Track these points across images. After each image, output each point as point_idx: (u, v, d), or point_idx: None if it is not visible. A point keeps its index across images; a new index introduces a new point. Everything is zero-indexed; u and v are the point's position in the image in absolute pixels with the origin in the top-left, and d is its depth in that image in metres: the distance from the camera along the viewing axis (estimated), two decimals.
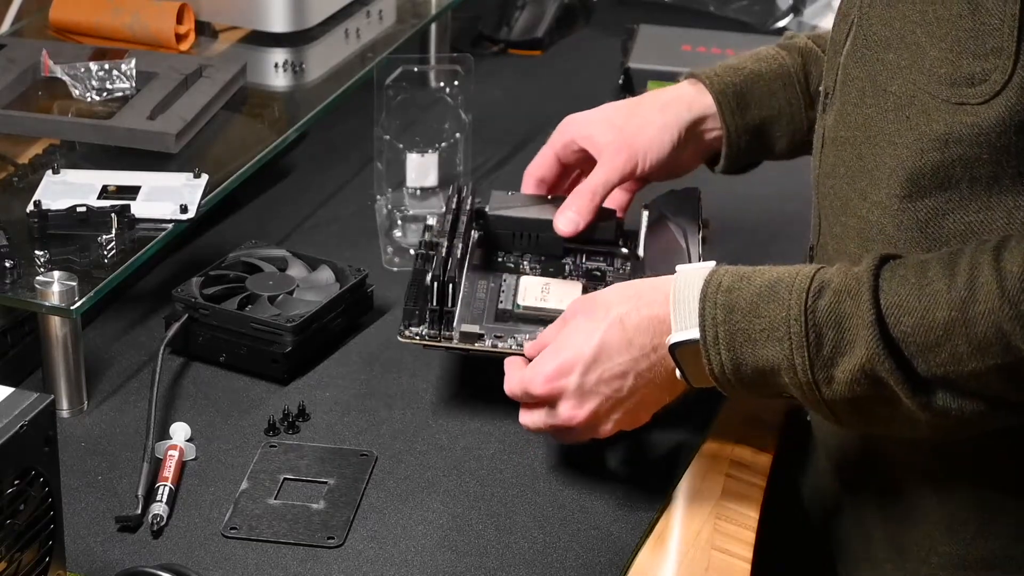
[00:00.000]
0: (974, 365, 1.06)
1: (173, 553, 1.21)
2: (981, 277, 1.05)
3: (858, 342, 1.08)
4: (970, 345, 1.05)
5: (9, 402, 1.07)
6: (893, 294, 1.08)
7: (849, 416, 1.13)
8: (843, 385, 1.10)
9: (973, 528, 1.21)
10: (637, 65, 1.96)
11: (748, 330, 1.12)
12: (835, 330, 1.09)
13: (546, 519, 1.27)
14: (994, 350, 1.05)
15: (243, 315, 1.43)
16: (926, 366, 1.07)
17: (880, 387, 1.09)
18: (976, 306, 1.04)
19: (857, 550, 1.29)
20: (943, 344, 1.06)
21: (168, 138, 1.52)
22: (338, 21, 1.84)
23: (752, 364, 1.13)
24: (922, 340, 1.07)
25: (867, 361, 1.08)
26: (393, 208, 1.69)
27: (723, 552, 1.25)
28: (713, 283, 1.15)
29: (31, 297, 1.33)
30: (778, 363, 1.12)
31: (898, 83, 1.12)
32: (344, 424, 1.37)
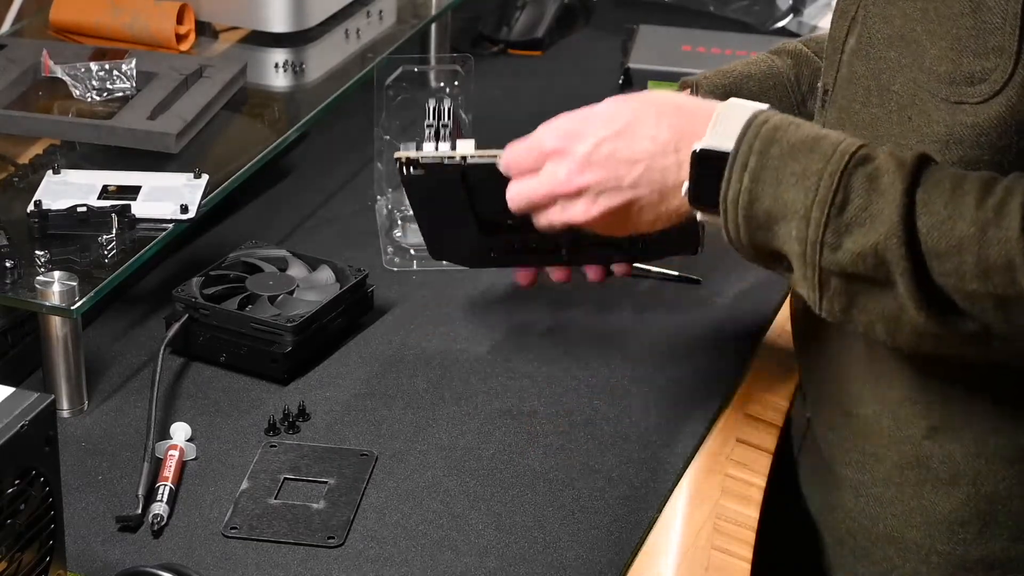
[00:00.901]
0: (975, 286, 1.04)
1: (173, 553, 1.21)
2: (1011, 204, 1.03)
3: (881, 219, 1.05)
4: (978, 265, 1.03)
5: (9, 402, 1.07)
6: (927, 191, 1.05)
7: (835, 295, 1.10)
8: (849, 256, 1.07)
9: (974, 528, 1.21)
10: (637, 65, 1.96)
11: (779, 168, 1.09)
12: (863, 199, 1.06)
13: (546, 519, 1.27)
14: (998, 278, 1.03)
15: (243, 315, 1.43)
16: (932, 270, 1.05)
17: (883, 271, 1.06)
18: (996, 231, 1.03)
19: (857, 549, 1.29)
20: (953, 255, 1.04)
21: (168, 138, 1.52)
22: (338, 21, 1.84)
23: (768, 203, 1.09)
24: (935, 244, 1.04)
25: (883, 240, 1.05)
26: (393, 208, 1.68)
27: (723, 552, 1.25)
28: (763, 116, 1.12)
29: (31, 297, 1.33)
30: (794, 210, 1.08)
31: (900, 82, 1.12)
32: (344, 424, 1.37)
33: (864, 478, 1.26)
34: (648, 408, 1.40)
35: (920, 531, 1.23)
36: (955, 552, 1.22)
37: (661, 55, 1.99)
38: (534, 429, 1.37)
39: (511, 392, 1.42)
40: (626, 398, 1.42)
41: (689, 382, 1.44)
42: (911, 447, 1.22)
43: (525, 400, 1.41)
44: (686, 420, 1.39)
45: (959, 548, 1.22)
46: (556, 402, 1.41)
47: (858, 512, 1.28)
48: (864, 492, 1.27)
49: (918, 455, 1.21)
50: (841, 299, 1.10)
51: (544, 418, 1.39)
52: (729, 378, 1.45)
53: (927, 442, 1.20)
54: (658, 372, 1.45)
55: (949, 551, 1.22)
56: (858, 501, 1.27)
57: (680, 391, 1.43)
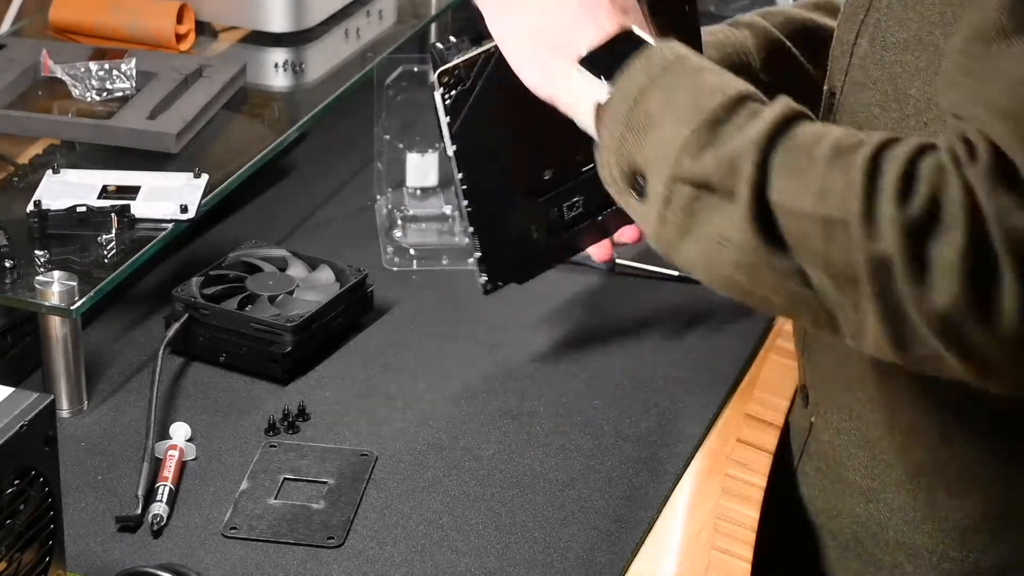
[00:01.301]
0: (809, 207, 1.01)
1: (173, 553, 1.21)
2: (870, 140, 1.01)
3: (748, 135, 1.04)
4: (820, 186, 1.01)
5: (9, 402, 1.07)
6: (801, 125, 1.04)
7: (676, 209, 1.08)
8: (705, 165, 1.05)
9: (986, 535, 1.20)
10: None
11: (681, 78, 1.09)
12: (742, 121, 1.05)
13: (546, 519, 1.27)
14: (833, 199, 1.00)
15: (243, 315, 1.43)
16: (771, 188, 1.03)
17: (729, 180, 1.04)
18: (849, 157, 1.00)
19: (864, 554, 1.28)
20: (799, 175, 1.02)
21: (168, 138, 1.52)
22: (338, 21, 1.84)
23: (655, 105, 1.08)
24: (787, 160, 1.03)
25: (743, 150, 1.03)
26: (393, 208, 1.69)
27: (723, 552, 1.25)
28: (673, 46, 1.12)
29: (31, 297, 1.33)
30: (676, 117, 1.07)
31: (917, 86, 1.11)
32: (344, 424, 1.37)
33: (874, 484, 1.25)
34: (648, 408, 1.40)
35: (931, 537, 1.22)
36: (967, 559, 1.21)
37: None
38: (534, 429, 1.37)
39: (511, 392, 1.42)
40: (626, 398, 1.42)
41: (689, 383, 1.44)
42: (925, 453, 1.21)
43: (525, 400, 1.41)
44: (686, 420, 1.39)
45: (971, 555, 1.21)
46: (556, 402, 1.41)
47: (867, 518, 1.27)
48: (874, 498, 1.26)
49: (930, 461, 1.21)
50: (680, 213, 1.07)
51: (544, 418, 1.39)
52: (729, 378, 1.45)
53: (940, 449, 1.20)
54: (658, 372, 1.45)
55: (961, 557, 1.21)
56: (867, 507, 1.27)
57: (680, 391, 1.43)
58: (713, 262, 1.07)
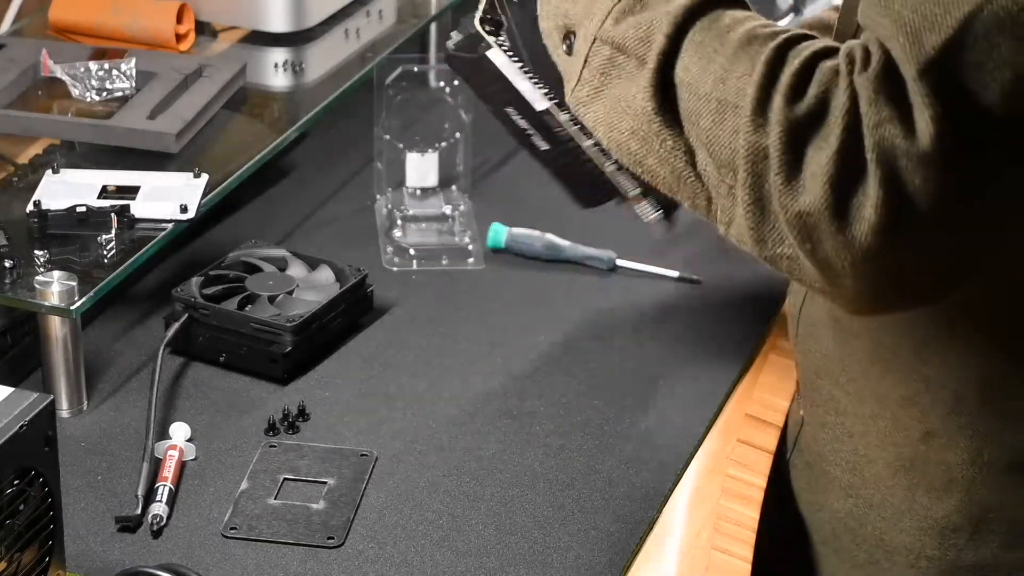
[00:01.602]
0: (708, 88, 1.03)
1: (173, 553, 1.21)
2: (783, 37, 1.03)
3: (670, 6, 1.07)
4: (724, 69, 1.03)
5: (9, 402, 1.07)
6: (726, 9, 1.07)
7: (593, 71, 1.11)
8: (625, 27, 1.08)
9: (965, 535, 1.20)
10: None
11: None
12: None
13: (546, 519, 1.27)
14: (732, 82, 1.02)
15: (243, 315, 1.43)
16: (678, 62, 1.05)
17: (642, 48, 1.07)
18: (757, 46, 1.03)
19: (841, 550, 1.28)
20: (706, 56, 1.04)
21: (168, 138, 1.52)
22: (338, 21, 1.83)
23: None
24: (700, 39, 1.05)
25: (660, 19, 1.06)
26: (393, 208, 1.69)
27: (723, 552, 1.25)
28: None
29: (31, 297, 1.33)
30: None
31: None
32: (344, 424, 1.37)
33: (854, 479, 1.26)
34: (648, 408, 1.40)
35: (910, 535, 1.22)
36: (945, 557, 1.21)
37: None
38: (534, 429, 1.37)
39: (511, 392, 1.42)
40: (626, 398, 1.42)
41: (689, 382, 1.44)
42: (906, 450, 1.21)
43: (525, 400, 1.41)
44: (686, 420, 1.39)
45: (949, 553, 1.21)
46: (556, 402, 1.41)
47: (845, 513, 1.27)
48: (853, 493, 1.26)
49: (912, 458, 1.21)
50: (596, 72, 1.11)
51: (544, 418, 1.39)
52: (729, 378, 1.45)
53: (922, 446, 1.20)
54: (658, 372, 1.45)
55: (939, 556, 1.22)
56: (846, 502, 1.27)
57: (680, 391, 1.43)
58: (613, 125, 1.11)
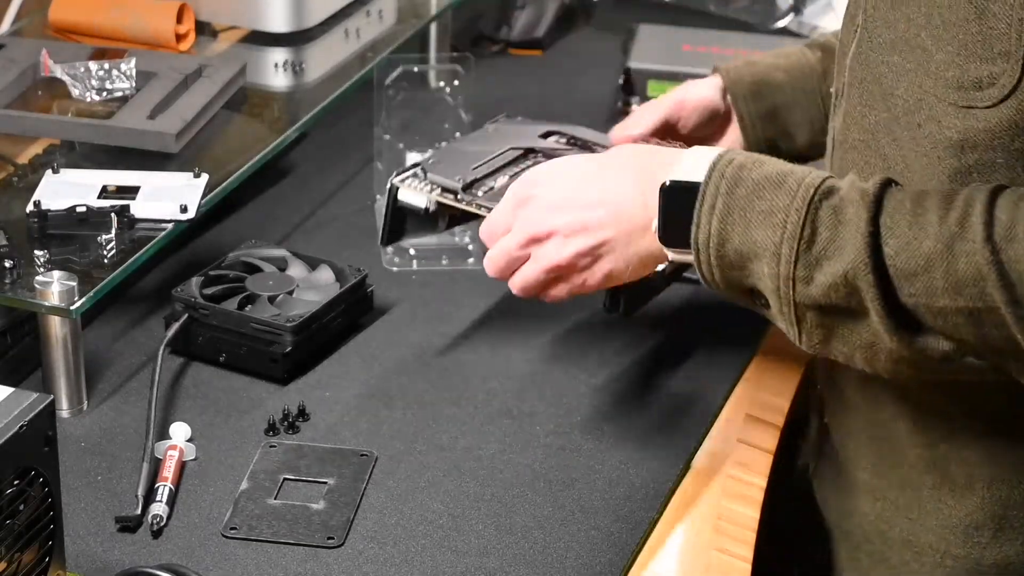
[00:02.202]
0: (946, 302, 1.05)
1: (173, 553, 1.21)
2: (972, 216, 1.04)
3: (848, 248, 1.07)
4: (946, 281, 1.05)
5: (9, 402, 1.07)
6: (889, 215, 1.07)
7: (813, 327, 1.11)
8: (821, 288, 1.09)
9: (989, 533, 1.21)
10: (637, 65, 1.96)
11: (746, 208, 1.11)
12: (830, 232, 1.08)
13: (546, 519, 1.26)
14: (968, 291, 1.04)
15: (243, 315, 1.43)
16: (902, 292, 1.07)
17: (855, 299, 1.08)
18: (961, 244, 1.04)
19: (874, 553, 1.29)
20: (921, 274, 1.05)
21: (168, 138, 1.52)
22: (338, 21, 1.83)
23: (738, 243, 1.11)
24: (903, 265, 1.06)
25: (852, 269, 1.07)
26: None
27: (723, 552, 1.25)
28: (727, 157, 1.14)
29: (31, 297, 1.33)
30: (764, 248, 1.10)
31: (904, 86, 1.11)
32: (344, 424, 1.37)
33: (880, 482, 1.26)
34: (648, 408, 1.40)
35: (936, 535, 1.23)
36: (970, 556, 1.22)
37: (661, 55, 1.99)
38: (534, 429, 1.37)
39: (511, 392, 1.42)
40: (626, 398, 1.42)
41: (689, 382, 1.44)
42: (928, 452, 1.21)
43: (525, 400, 1.41)
44: (686, 420, 1.39)
45: (974, 552, 1.22)
46: (556, 402, 1.41)
47: (875, 516, 1.27)
48: (880, 496, 1.26)
49: (934, 459, 1.21)
50: (819, 332, 1.12)
51: (544, 418, 1.39)
52: (729, 378, 1.45)
53: (943, 447, 1.20)
54: (658, 372, 1.45)
55: (964, 555, 1.22)
56: (875, 505, 1.27)
57: (680, 391, 1.43)
58: (872, 362, 1.11)
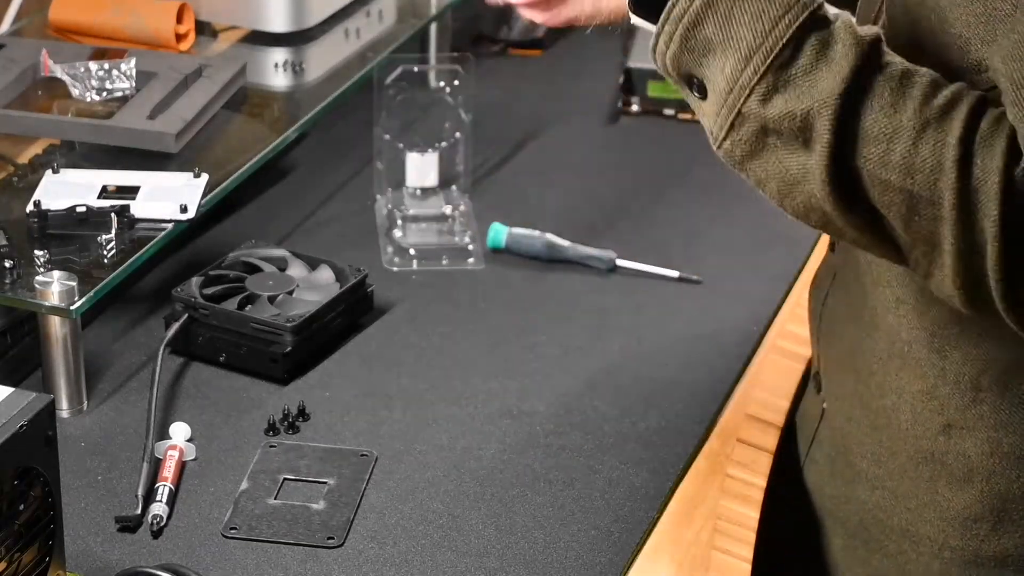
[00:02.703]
0: (894, 178, 1.03)
1: (173, 553, 1.21)
2: (955, 111, 1.02)
3: (821, 87, 1.04)
4: (903, 159, 1.02)
5: (9, 402, 1.07)
6: (874, 73, 1.04)
7: (742, 140, 1.08)
8: (775, 110, 1.05)
9: (987, 525, 1.21)
10: (637, 65, 1.96)
11: (736, 1, 1.06)
12: (810, 61, 1.04)
13: (546, 519, 1.27)
14: (920, 177, 1.02)
15: (243, 315, 1.43)
16: (855, 151, 1.04)
17: (804, 135, 1.04)
18: (935, 131, 1.02)
19: (871, 541, 1.29)
20: (883, 142, 1.03)
21: (168, 138, 1.52)
22: (338, 21, 1.83)
23: (711, 30, 1.07)
24: (869, 126, 1.03)
25: (818, 107, 1.03)
26: (393, 208, 1.69)
27: (723, 552, 1.25)
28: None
29: (31, 297, 1.33)
30: (736, 48, 1.05)
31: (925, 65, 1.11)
32: (344, 424, 1.37)
33: (880, 471, 1.26)
34: (648, 408, 1.40)
35: (933, 526, 1.23)
36: (968, 547, 1.22)
37: None
38: (534, 429, 1.37)
39: (511, 392, 1.42)
40: (626, 398, 1.42)
41: (689, 382, 1.44)
42: (926, 442, 1.22)
43: (525, 400, 1.41)
44: (686, 420, 1.39)
45: (972, 543, 1.22)
46: (556, 402, 1.41)
47: (873, 504, 1.28)
48: (880, 485, 1.27)
49: (933, 451, 1.22)
50: (746, 147, 1.08)
51: (544, 418, 1.39)
52: (729, 378, 1.45)
53: (941, 438, 1.21)
54: (658, 372, 1.45)
55: (962, 546, 1.22)
56: (873, 494, 1.27)
57: (680, 391, 1.43)
58: (783, 193, 1.08)
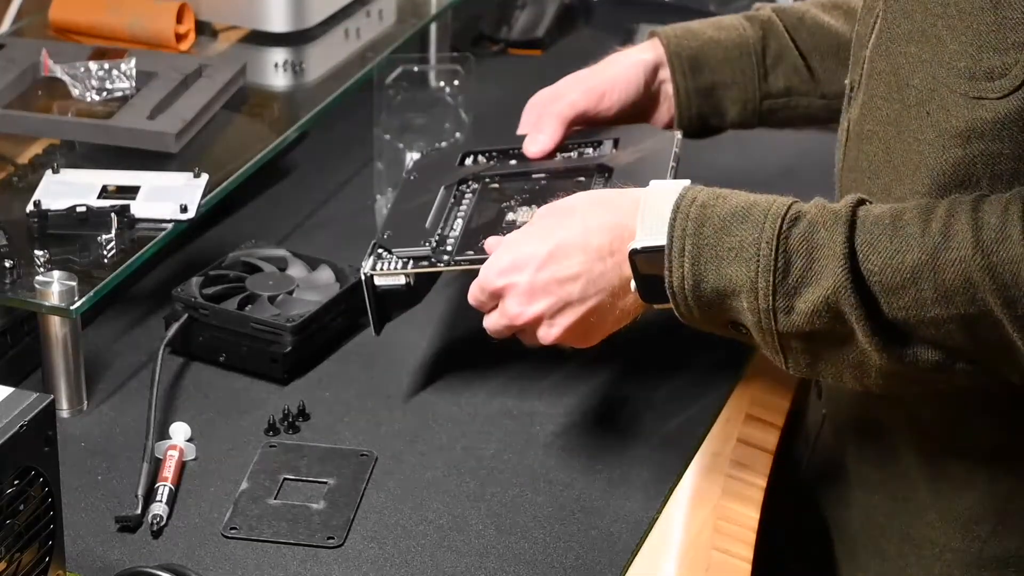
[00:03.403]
0: (937, 312, 1.05)
1: (173, 553, 1.21)
2: (956, 225, 1.04)
3: (826, 273, 1.07)
4: (936, 291, 1.05)
5: (9, 402, 1.07)
6: (866, 232, 1.07)
7: (798, 354, 1.12)
8: (803, 316, 1.08)
9: (989, 527, 1.21)
10: None
11: (716, 247, 1.11)
12: (805, 259, 1.08)
13: (546, 519, 1.27)
14: (959, 299, 1.04)
15: (243, 315, 1.43)
16: (889, 308, 1.07)
17: (839, 323, 1.08)
18: (948, 253, 1.04)
19: (870, 545, 1.29)
20: (908, 287, 1.05)
21: (168, 138, 1.52)
22: (338, 21, 1.84)
23: (714, 282, 1.11)
24: (888, 280, 1.06)
25: (832, 293, 1.07)
26: None
27: (723, 552, 1.25)
28: (688, 197, 1.13)
29: (31, 297, 1.33)
30: (740, 284, 1.10)
31: (919, 77, 1.12)
32: (344, 424, 1.37)
33: (879, 475, 1.26)
34: (648, 408, 1.40)
35: (935, 528, 1.23)
36: (970, 549, 1.22)
37: None
38: (534, 429, 1.37)
39: (511, 392, 1.42)
40: (626, 398, 1.42)
41: (689, 382, 1.44)
42: (930, 445, 1.22)
43: (525, 400, 1.41)
44: (686, 420, 1.39)
45: (974, 545, 1.22)
46: (556, 402, 1.41)
47: (872, 508, 1.28)
48: (879, 489, 1.27)
49: (935, 453, 1.21)
50: (805, 357, 1.12)
51: (544, 418, 1.39)
52: (729, 378, 1.45)
53: (944, 441, 1.20)
54: (658, 372, 1.45)
55: (964, 548, 1.22)
56: (873, 497, 1.27)
57: (680, 391, 1.43)
58: (862, 380, 1.12)
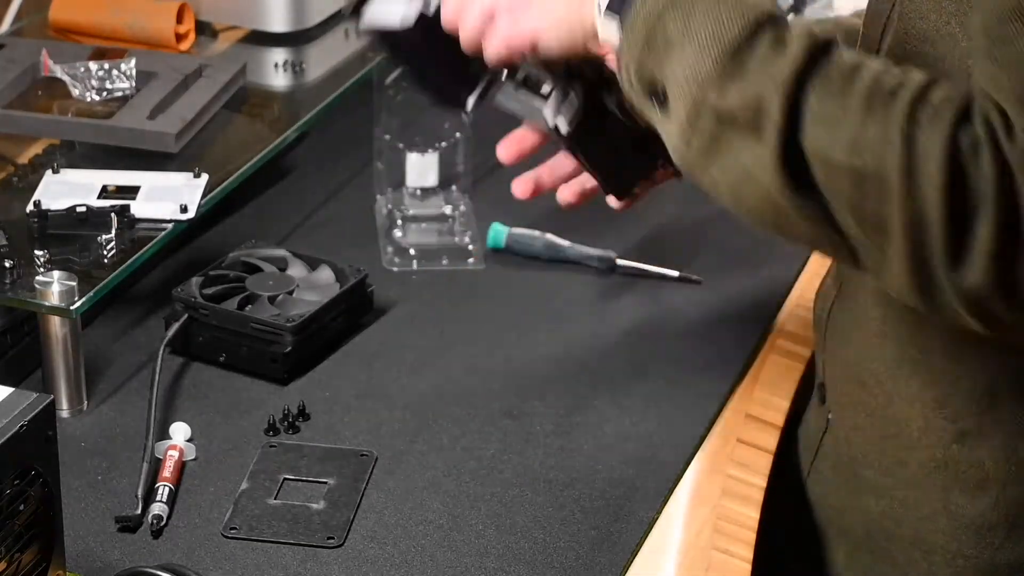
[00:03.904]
0: (841, 158, 1.03)
1: (173, 553, 1.21)
2: (904, 89, 1.03)
3: (774, 72, 1.05)
4: (853, 137, 1.02)
5: (9, 402, 1.07)
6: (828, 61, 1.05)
7: (701, 136, 1.09)
8: (731, 100, 1.06)
9: (1002, 533, 1.20)
10: None
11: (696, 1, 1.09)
12: (766, 52, 1.06)
13: (546, 519, 1.26)
14: (868, 154, 1.02)
15: (243, 315, 1.43)
16: (803, 134, 1.04)
17: (757, 120, 1.05)
18: (883, 109, 1.02)
19: (877, 551, 1.28)
20: (832, 123, 1.03)
21: (168, 138, 1.52)
22: (338, 21, 1.84)
23: (672, 28, 1.09)
24: (820, 108, 1.04)
25: (771, 91, 1.04)
26: (393, 208, 1.69)
27: (723, 552, 1.25)
28: None
29: (31, 297, 1.33)
30: (697, 41, 1.08)
31: None
32: (344, 424, 1.37)
33: (889, 481, 1.25)
34: (648, 408, 1.40)
35: (946, 535, 1.22)
36: (982, 556, 1.21)
37: None
38: (534, 429, 1.37)
39: (511, 392, 1.42)
40: (626, 398, 1.42)
41: (689, 382, 1.44)
42: (939, 451, 1.21)
43: (525, 400, 1.41)
44: (686, 420, 1.39)
45: (986, 552, 1.21)
46: (556, 402, 1.41)
47: (880, 514, 1.27)
48: (888, 495, 1.26)
49: (946, 459, 1.21)
50: (705, 140, 1.09)
51: (544, 418, 1.39)
52: (729, 378, 1.45)
53: (955, 446, 1.20)
54: (658, 372, 1.45)
55: (976, 555, 1.21)
56: (880, 503, 1.26)
57: (680, 391, 1.43)
58: (739, 193, 1.09)
